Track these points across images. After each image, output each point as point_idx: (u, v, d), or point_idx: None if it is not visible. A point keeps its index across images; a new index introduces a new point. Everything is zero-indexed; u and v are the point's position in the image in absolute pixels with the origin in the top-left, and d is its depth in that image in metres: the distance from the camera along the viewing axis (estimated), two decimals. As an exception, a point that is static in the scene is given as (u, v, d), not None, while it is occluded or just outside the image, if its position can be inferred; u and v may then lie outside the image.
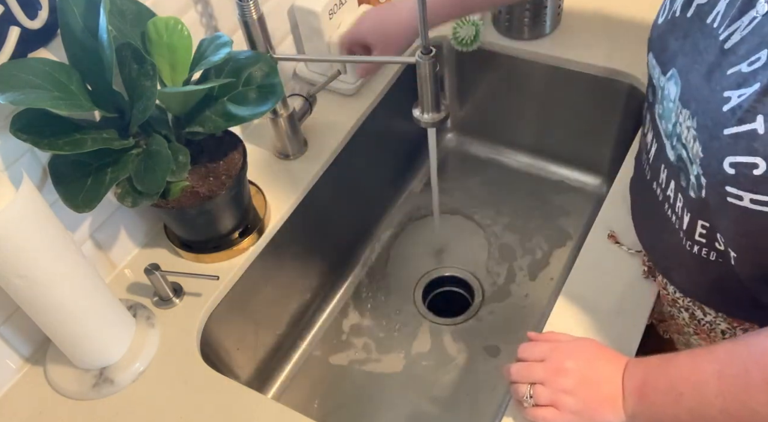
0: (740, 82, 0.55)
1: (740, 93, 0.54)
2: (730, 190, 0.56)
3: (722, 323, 0.73)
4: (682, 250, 0.69)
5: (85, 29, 0.70)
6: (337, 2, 1.03)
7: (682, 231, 0.68)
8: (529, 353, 0.72)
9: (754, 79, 0.53)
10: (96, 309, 0.78)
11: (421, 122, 0.86)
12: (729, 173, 0.55)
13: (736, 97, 0.55)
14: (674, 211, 0.69)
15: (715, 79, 0.57)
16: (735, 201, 0.56)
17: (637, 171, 0.82)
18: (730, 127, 0.55)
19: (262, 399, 0.80)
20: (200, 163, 0.85)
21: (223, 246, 0.92)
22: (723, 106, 0.56)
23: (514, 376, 0.71)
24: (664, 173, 0.70)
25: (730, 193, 0.56)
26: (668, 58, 0.66)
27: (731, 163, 0.55)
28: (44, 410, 0.81)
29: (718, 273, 0.67)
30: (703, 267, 0.68)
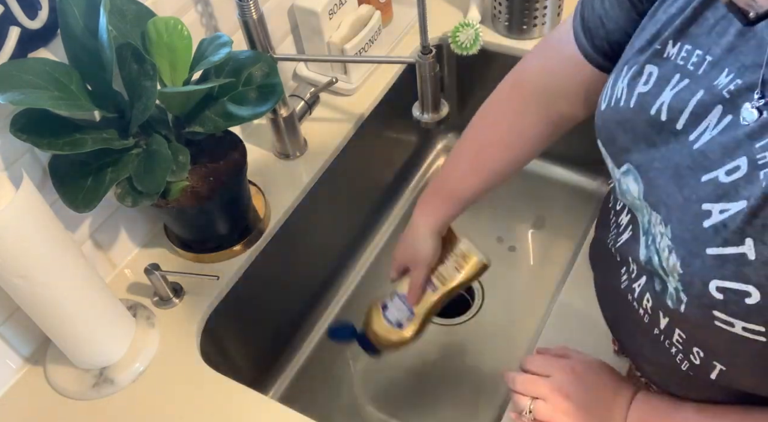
0: (720, 194, 0.47)
1: (722, 208, 0.47)
2: (718, 315, 0.48)
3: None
4: (653, 347, 0.61)
5: (85, 29, 0.70)
6: (337, 2, 1.03)
7: (658, 329, 0.59)
8: (536, 366, 0.71)
9: (737, 195, 0.46)
10: (96, 309, 0.78)
11: (421, 122, 0.87)
12: (717, 298, 0.48)
13: (717, 213, 0.47)
14: (646, 311, 0.59)
15: (688, 186, 0.49)
16: (725, 326, 0.49)
17: (598, 242, 0.70)
18: (714, 246, 0.47)
19: (262, 399, 0.80)
20: (200, 163, 0.85)
21: (223, 246, 0.92)
22: (703, 221, 0.48)
23: (518, 387, 0.70)
24: (633, 265, 0.60)
25: (718, 317, 0.49)
26: (618, 152, 0.58)
27: (719, 287, 0.47)
28: (44, 410, 0.81)
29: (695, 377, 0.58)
30: (676, 368, 0.59)
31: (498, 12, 1.13)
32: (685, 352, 0.57)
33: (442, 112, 0.86)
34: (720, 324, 0.49)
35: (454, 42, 1.07)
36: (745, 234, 0.45)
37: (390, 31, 1.16)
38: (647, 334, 0.60)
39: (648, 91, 0.53)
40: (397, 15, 1.18)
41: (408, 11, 1.18)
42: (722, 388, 0.57)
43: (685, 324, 0.54)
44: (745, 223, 0.45)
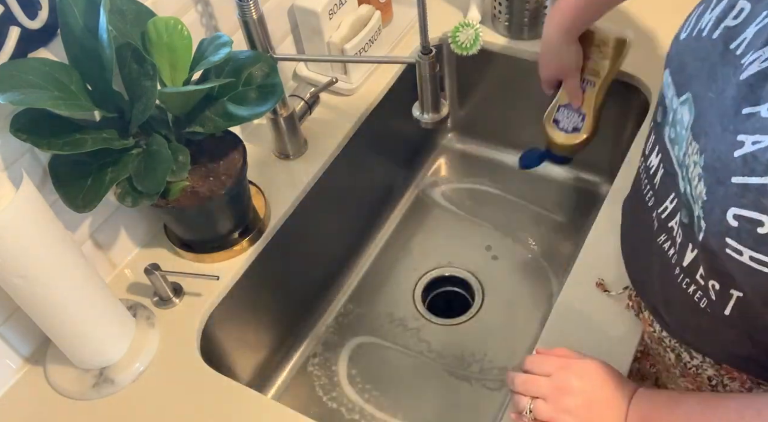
0: (757, 127, 0.49)
1: (755, 140, 0.49)
2: (729, 243, 0.52)
3: (709, 369, 0.70)
4: (675, 288, 0.65)
5: (85, 29, 0.70)
6: (337, 2, 1.03)
7: (680, 267, 0.63)
8: (536, 366, 0.71)
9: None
10: (96, 309, 0.78)
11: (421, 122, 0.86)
12: (731, 225, 0.51)
13: (750, 144, 0.50)
14: (674, 245, 0.64)
15: (728, 115, 0.52)
16: (734, 254, 0.52)
17: (634, 194, 0.75)
18: (739, 175, 0.50)
19: (262, 399, 0.80)
20: (200, 163, 0.85)
21: (223, 246, 0.92)
22: (734, 150, 0.51)
23: (518, 387, 0.70)
24: (672, 204, 0.64)
25: (729, 245, 0.52)
26: (684, 80, 0.60)
27: (735, 216, 0.51)
28: (44, 410, 0.81)
29: (710, 316, 0.62)
30: (695, 309, 0.64)
31: (498, 12, 1.13)
32: (704, 289, 0.60)
33: (442, 112, 0.86)
34: (730, 252, 0.52)
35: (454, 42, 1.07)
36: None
37: (390, 31, 1.16)
38: (670, 275, 0.64)
39: (735, 25, 0.55)
40: (397, 15, 1.18)
41: (408, 11, 1.18)
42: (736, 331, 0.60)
43: (703, 253, 0.58)
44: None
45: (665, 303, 0.70)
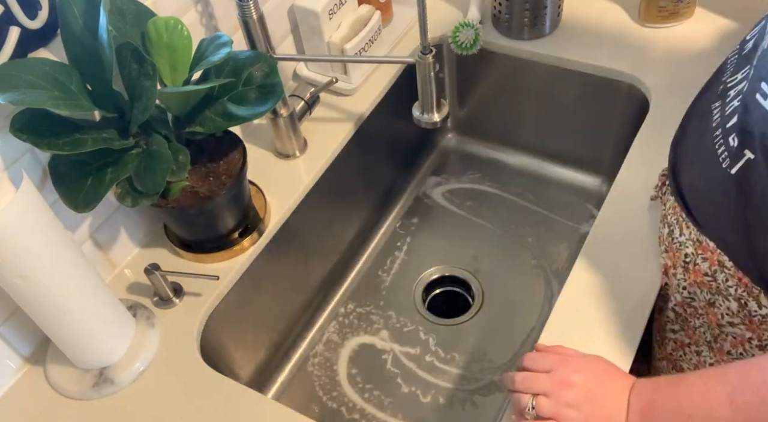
0: None
1: None
2: (763, 88, 0.56)
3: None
4: (705, 148, 0.67)
5: (85, 29, 0.70)
6: (337, 2, 1.03)
7: (722, 129, 0.65)
8: (535, 363, 0.71)
9: None
10: (96, 309, 0.78)
11: (421, 122, 0.87)
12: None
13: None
14: (725, 107, 0.66)
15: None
16: (760, 99, 0.56)
17: (703, 92, 0.76)
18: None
19: (262, 399, 0.80)
20: (200, 163, 0.85)
21: (223, 246, 0.92)
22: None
23: (518, 385, 0.70)
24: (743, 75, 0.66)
25: (761, 90, 0.57)
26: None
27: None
28: (44, 410, 0.81)
29: (718, 177, 0.65)
30: (709, 167, 0.66)
31: (498, 12, 1.13)
32: (728, 145, 0.63)
33: (442, 112, 0.86)
34: (759, 97, 0.57)
35: (454, 42, 1.07)
36: None
37: (390, 31, 1.16)
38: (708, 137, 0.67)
39: None
40: (397, 15, 1.18)
41: (408, 11, 1.18)
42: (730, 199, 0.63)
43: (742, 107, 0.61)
44: None
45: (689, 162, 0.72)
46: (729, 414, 0.56)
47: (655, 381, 0.65)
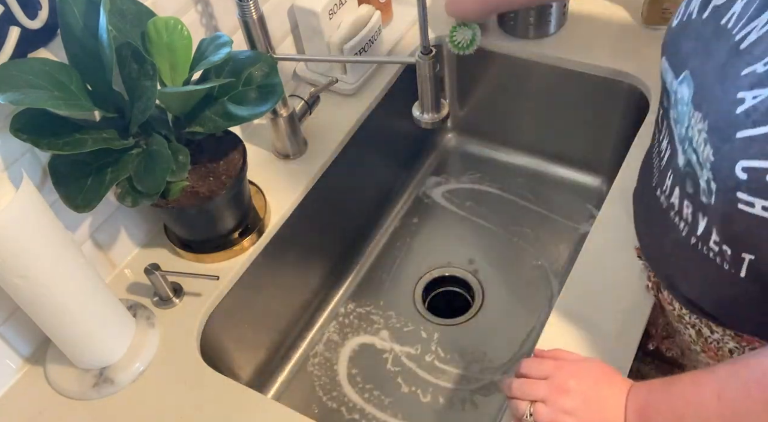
0: (755, 82, 0.54)
1: (755, 94, 0.53)
2: (741, 196, 0.55)
3: (730, 342, 0.72)
4: (690, 258, 0.68)
5: (85, 29, 0.70)
6: (337, 2, 1.03)
7: (695, 237, 0.66)
8: (532, 370, 0.71)
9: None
10: (96, 309, 0.78)
11: (421, 122, 0.86)
12: (741, 178, 0.54)
13: (750, 99, 0.54)
14: (682, 217, 0.68)
15: (728, 79, 0.56)
16: (746, 208, 0.55)
17: (642, 179, 0.81)
18: (744, 129, 0.54)
19: (262, 399, 0.81)
20: (200, 163, 0.85)
21: (223, 246, 0.92)
22: (737, 108, 0.55)
23: (515, 392, 0.70)
24: (669, 180, 0.69)
25: (741, 199, 0.55)
26: (681, 61, 0.65)
27: (744, 168, 0.54)
28: (44, 410, 0.81)
29: (728, 282, 0.65)
30: (711, 276, 0.66)
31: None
32: (719, 254, 0.64)
33: (442, 112, 0.86)
34: (743, 206, 0.56)
35: (451, 41, 1.07)
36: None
37: (390, 31, 1.16)
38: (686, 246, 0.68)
39: (722, 3, 0.60)
40: (397, 15, 1.18)
41: (408, 11, 1.18)
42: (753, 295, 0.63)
43: (716, 216, 0.61)
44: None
45: (683, 274, 0.72)
46: (717, 409, 0.57)
47: (651, 384, 0.66)
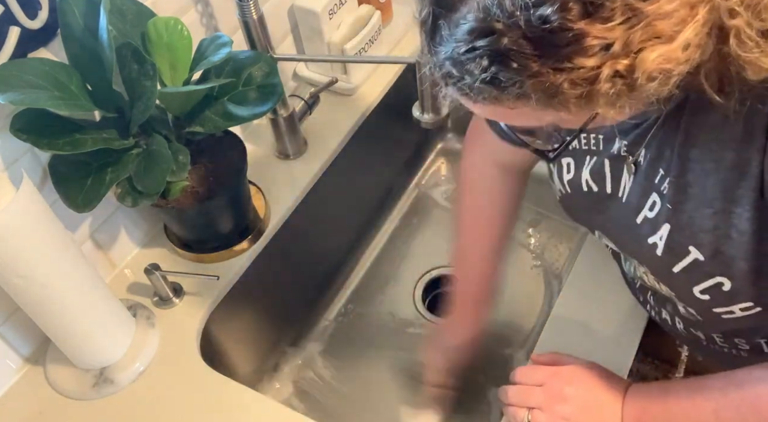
0: (653, 226, 0.58)
1: (660, 235, 0.58)
2: (717, 311, 0.59)
3: None
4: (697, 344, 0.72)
5: (85, 29, 0.70)
6: (337, 2, 1.03)
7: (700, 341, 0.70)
8: (527, 377, 0.72)
9: (662, 221, 0.57)
10: (96, 309, 0.78)
11: (420, 122, 0.86)
12: (704, 299, 0.58)
13: (659, 240, 0.58)
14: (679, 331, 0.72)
15: (633, 230, 0.61)
16: (728, 315, 0.58)
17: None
18: (675, 264, 0.58)
19: (262, 399, 0.80)
20: (200, 163, 0.85)
21: (223, 246, 0.92)
22: (655, 251, 0.59)
23: (512, 399, 0.71)
24: (651, 300, 0.73)
25: (719, 313, 0.59)
26: (586, 223, 0.71)
27: (701, 291, 0.58)
28: (44, 410, 0.81)
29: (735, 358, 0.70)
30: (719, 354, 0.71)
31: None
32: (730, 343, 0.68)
33: (442, 112, 0.86)
34: (725, 315, 0.59)
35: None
36: (686, 245, 0.56)
37: (390, 31, 1.16)
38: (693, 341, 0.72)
39: (572, 177, 0.67)
40: (397, 15, 1.18)
41: (408, 11, 1.17)
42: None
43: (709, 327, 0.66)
44: (680, 237, 0.56)
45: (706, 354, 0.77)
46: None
47: (647, 390, 0.67)
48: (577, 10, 0.38)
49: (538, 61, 0.40)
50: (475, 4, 0.41)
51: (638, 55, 0.40)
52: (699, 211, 0.54)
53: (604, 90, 0.41)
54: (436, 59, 0.45)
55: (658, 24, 0.39)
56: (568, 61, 0.39)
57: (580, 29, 0.39)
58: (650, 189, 0.58)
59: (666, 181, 0.56)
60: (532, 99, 0.42)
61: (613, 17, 0.38)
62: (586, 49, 0.39)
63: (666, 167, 0.56)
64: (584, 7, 0.38)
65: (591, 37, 0.39)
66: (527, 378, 0.71)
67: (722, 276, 0.55)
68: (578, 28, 0.39)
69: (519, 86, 0.41)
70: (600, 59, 0.40)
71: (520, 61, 0.40)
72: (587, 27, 0.39)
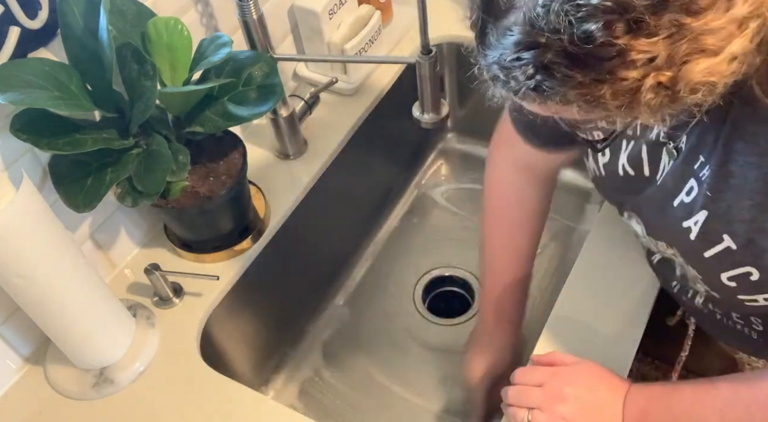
0: (689, 211, 0.58)
1: (695, 220, 0.58)
2: (742, 298, 0.59)
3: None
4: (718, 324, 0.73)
5: (85, 29, 0.70)
6: (337, 2, 1.03)
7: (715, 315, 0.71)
8: (527, 377, 0.72)
9: (699, 207, 0.57)
10: (96, 309, 0.78)
11: (421, 122, 0.86)
12: (731, 286, 0.58)
13: (693, 225, 0.58)
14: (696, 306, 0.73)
15: (667, 213, 0.61)
16: (752, 303, 0.59)
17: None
18: (707, 250, 0.58)
19: (262, 399, 0.81)
20: (200, 163, 0.85)
21: (223, 246, 0.92)
22: (689, 235, 0.59)
23: (511, 399, 0.71)
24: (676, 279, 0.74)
25: (743, 299, 0.59)
26: (617, 204, 0.71)
27: (728, 278, 0.58)
28: (44, 410, 0.81)
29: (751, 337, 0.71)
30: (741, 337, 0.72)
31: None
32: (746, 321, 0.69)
33: (442, 112, 0.86)
34: (748, 303, 0.59)
35: None
36: (720, 232, 0.56)
37: (390, 31, 1.16)
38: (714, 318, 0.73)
39: (608, 161, 0.67)
40: (397, 15, 1.18)
41: (408, 11, 1.18)
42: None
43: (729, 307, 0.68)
44: (716, 224, 0.56)
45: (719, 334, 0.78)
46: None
47: (650, 390, 0.66)
48: (622, 26, 0.38)
49: (581, 73, 0.41)
50: (522, 15, 0.41)
51: (682, 67, 0.40)
52: (738, 201, 0.54)
53: (646, 100, 0.41)
54: (484, 62, 0.46)
55: (704, 38, 0.39)
56: (611, 73, 0.40)
57: (624, 44, 0.39)
58: (689, 174, 0.58)
59: (706, 167, 0.56)
60: (575, 106, 0.43)
61: (658, 32, 0.39)
62: (629, 62, 0.40)
63: (707, 155, 0.56)
64: (628, 23, 0.38)
65: (635, 52, 0.39)
66: (527, 378, 0.71)
67: (752, 266, 0.56)
68: (622, 43, 0.39)
69: (562, 95, 0.42)
70: (643, 71, 0.40)
71: (564, 72, 0.41)
72: (631, 42, 0.39)
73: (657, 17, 0.38)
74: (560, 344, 0.77)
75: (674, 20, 0.38)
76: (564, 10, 0.39)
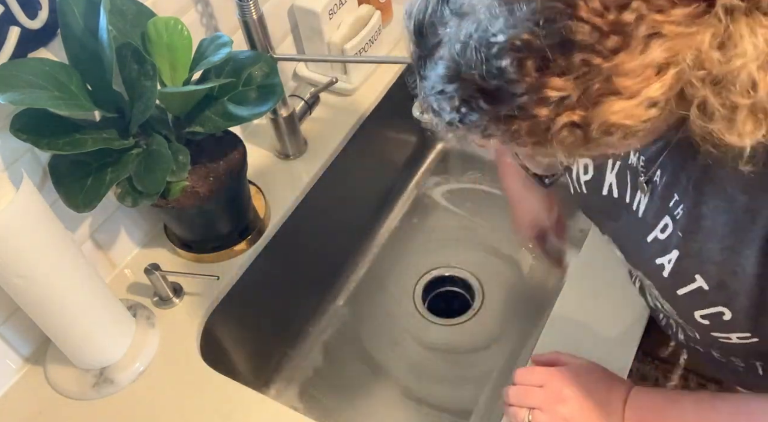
0: (663, 249, 0.58)
1: (668, 258, 0.58)
2: (716, 335, 0.59)
3: None
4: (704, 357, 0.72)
5: (85, 29, 0.70)
6: (337, 2, 1.03)
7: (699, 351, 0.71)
8: (526, 378, 0.72)
9: (673, 245, 0.57)
10: (96, 309, 0.78)
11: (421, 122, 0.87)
12: (705, 323, 0.59)
13: (667, 263, 0.59)
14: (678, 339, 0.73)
15: (642, 247, 0.61)
16: (725, 340, 0.59)
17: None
18: (680, 288, 0.58)
19: (262, 399, 0.81)
20: (200, 163, 0.85)
21: (223, 246, 0.92)
22: (662, 272, 0.59)
23: (512, 399, 0.71)
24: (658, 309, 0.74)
25: (716, 337, 0.60)
26: (597, 224, 0.72)
27: (701, 316, 0.59)
28: (44, 410, 0.81)
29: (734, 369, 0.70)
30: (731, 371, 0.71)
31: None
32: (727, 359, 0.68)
33: (442, 112, 0.86)
34: (722, 340, 0.59)
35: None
36: (692, 273, 0.56)
37: (390, 31, 1.16)
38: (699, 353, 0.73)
39: (590, 178, 0.67)
40: (397, 15, 1.18)
41: (408, 11, 1.18)
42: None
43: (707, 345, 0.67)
44: (687, 265, 0.56)
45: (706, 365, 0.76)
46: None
47: (651, 397, 0.67)
48: (532, 64, 0.39)
49: (495, 108, 0.42)
50: (446, 51, 0.43)
51: (595, 107, 0.40)
52: (709, 243, 0.54)
53: (559, 138, 0.42)
54: (421, 93, 0.48)
55: (618, 80, 0.39)
56: (523, 109, 0.41)
57: (534, 82, 0.39)
58: (664, 211, 0.58)
59: (680, 206, 0.56)
60: (497, 139, 0.44)
61: (569, 71, 0.39)
62: (540, 100, 0.40)
63: (681, 194, 0.56)
64: (540, 61, 0.39)
65: (548, 89, 0.40)
66: (528, 378, 0.72)
67: (724, 306, 0.56)
68: (532, 81, 0.39)
69: (483, 128, 0.44)
70: (556, 109, 0.40)
71: (482, 106, 0.42)
72: (543, 79, 0.39)
73: (565, 57, 0.38)
74: (560, 344, 0.77)
75: (584, 60, 0.38)
76: (479, 47, 0.40)
